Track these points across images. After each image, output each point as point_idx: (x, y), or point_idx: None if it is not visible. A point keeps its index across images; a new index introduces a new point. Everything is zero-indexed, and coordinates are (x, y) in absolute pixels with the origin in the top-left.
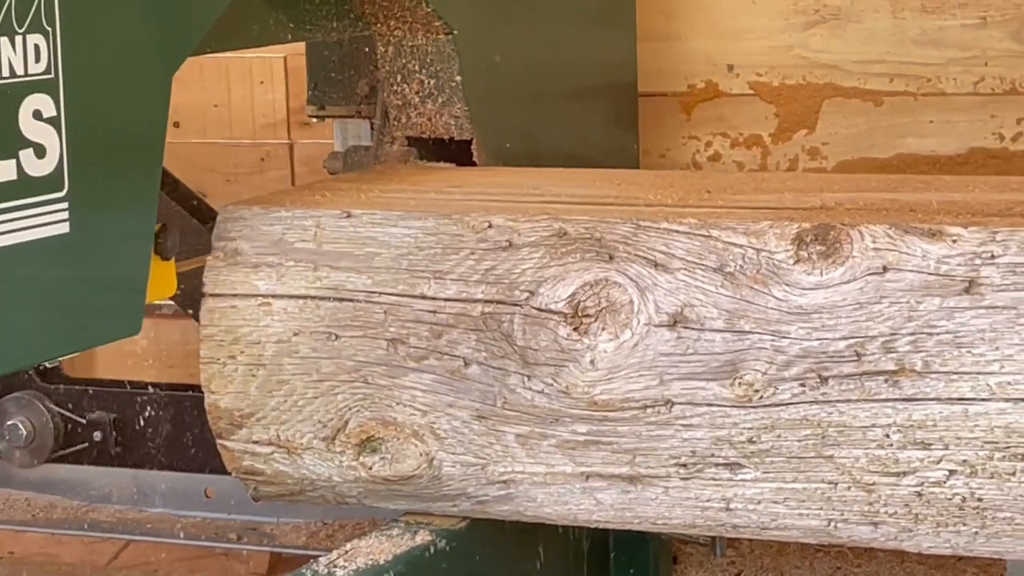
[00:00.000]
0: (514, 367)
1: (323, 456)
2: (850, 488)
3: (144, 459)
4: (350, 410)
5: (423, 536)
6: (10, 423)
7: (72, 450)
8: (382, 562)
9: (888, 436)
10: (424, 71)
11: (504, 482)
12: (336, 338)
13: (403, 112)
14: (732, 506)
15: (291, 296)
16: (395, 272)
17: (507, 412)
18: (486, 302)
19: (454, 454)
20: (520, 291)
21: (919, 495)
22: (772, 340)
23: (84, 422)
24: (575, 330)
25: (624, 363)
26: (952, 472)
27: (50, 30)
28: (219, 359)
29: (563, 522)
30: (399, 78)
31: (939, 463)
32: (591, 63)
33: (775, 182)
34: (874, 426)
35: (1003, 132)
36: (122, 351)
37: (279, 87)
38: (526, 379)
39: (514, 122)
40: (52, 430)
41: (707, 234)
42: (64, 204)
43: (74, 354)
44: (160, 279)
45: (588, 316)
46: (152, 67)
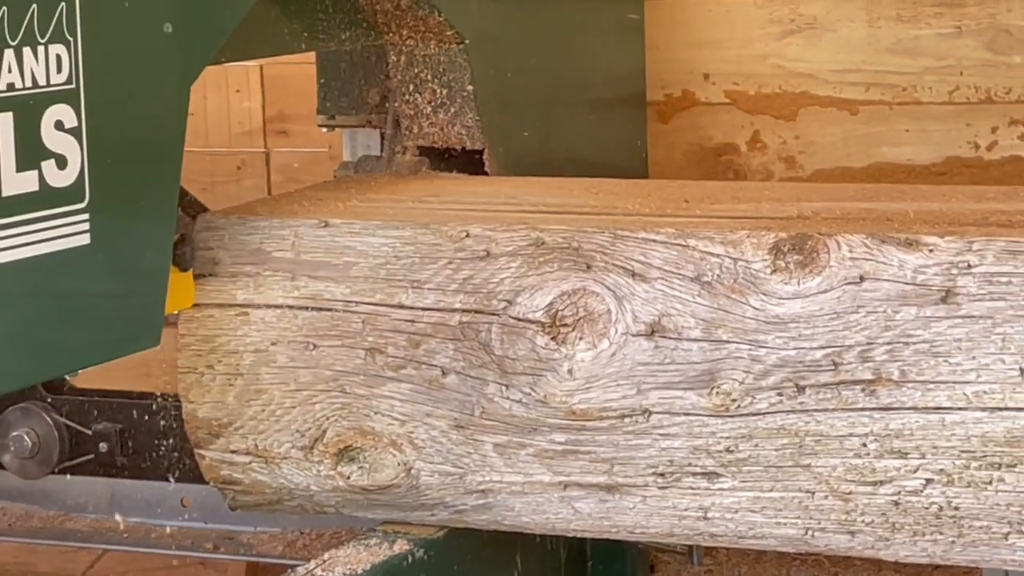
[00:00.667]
0: (492, 376)
1: (301, 466)
2: (827, 497)
3: (151, 470)
4: (328, 419)
5: (401, 545)
6: (15, 434)
7: (78, 461)
8: (360, 571)
9: (865, 445)
10: (436, 81)
11: (482, 491)
12: (314, 347)
13: (415, 122)
14: (710, 515)
15: (269, 306)
16: (373, 281)
17: (485, 421)
18: (464, 311)
19: (432, 463)
20: (498, 300)
21: (896, 504)
22: (749, 349)
23: (90, 433)
24: (553, 339)
25: (602, 372)
26: (929, 481)
27: (71, 40)
28: (197, 369)
29: (541, 531)
30: (411, 88)
31: (916, 472)
32: (602, 72)
33: (752, 191)
34: (851, 435)
35: (978, 141)
36: (129, 360)
37: (255, 96)
38: (504, 388)
39: (526, 131)
40: (57, 441)
41: (684, 243)
42: (85, 215)
43: (94, 366)
44: (179, 290)
45: (566, 325)
46: (171, 77)
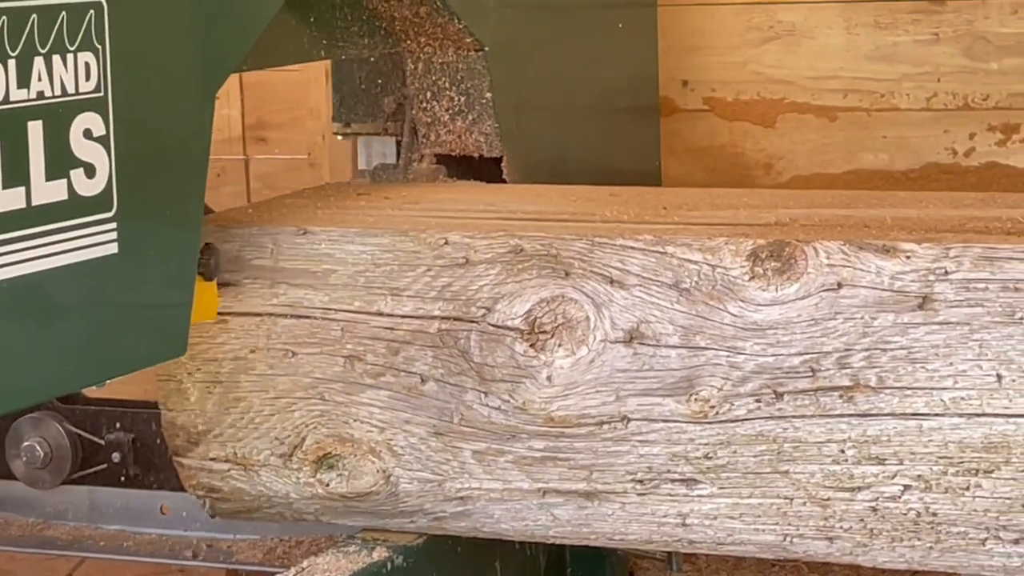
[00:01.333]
0: (471, 384)
1: (280, 473)
2: (805, 503)
3: (164, 480)
4: (307, 427)
5: (380, 552)
6: (26, 444)
7: (90, 471)
8: None
9: (843, 451)
10: (454, 88)
11: (461, 498)
12: (293, 355)
13: (432, 129)
14: (688, 521)
15: (248, 313)
16: (352, 289)
17: (464, 429)
18: (443, 319)
19: (411, 471)
20: (477, 308)
21: (874, 510)
22: (727, 356)
23: (102, 443)
24: (532, 346)
25: (580, 379)
26: (907, 487)
27: (100, 48)
28: (176, 376)
29: (520, 538)
30: (428, 95)
31: (894, 478)
32: (617, 78)
33: (730, 198)
34: (829, 441)
35: (956, 147)
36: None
37: (235, 103)
38: (483, 395)
39: (543, 139)
40: (70, 451)
41: (662, 250)
42: (112, 224)
43: (120, 377)
44: (204, 300)
45: (544, 333)
46: (197, 85)
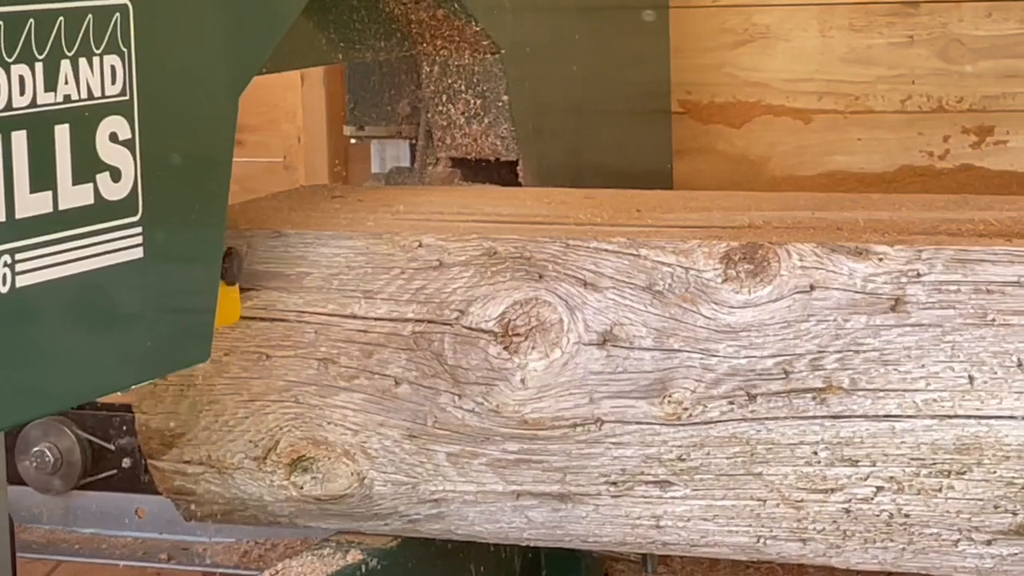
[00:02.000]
0: (445, 386)
1: (254, 476)
2: (779, 505)
3: None
4: (281, 430)
5: (354, 555)
6: (36, 449)
7: (100, 477)
8: None
9: (816, 453)
10: (470, 91)
11: (435, 501)
12: (267, 358)
13: (447, 133)
14: (662, 523)
15: None
16: (326, 292)
17: (438, 431)
18: (416, 321)
19: (385, 473)
20: (450, 310)
21: (847, 511)
22: (701, 358)
23: (112, 448)
24: (505, 349)
25: (554, 382)
26: (879, 489)
27: (125, 51)
28: None
29: (494, 540)
30: (444, 98)
31: (866, 480)
32: (631, 80)
33: (704, 200)
34: (802, 443)
35: (931, 150)
36: None
37: None
38: (457, 398)
39: (559, 141)
40: (80, 456)
41: (636, 253)
42: (138, 229)
43: (145, 383)
44: (226, 304)
45: (518, 335)
46: (221, 87)
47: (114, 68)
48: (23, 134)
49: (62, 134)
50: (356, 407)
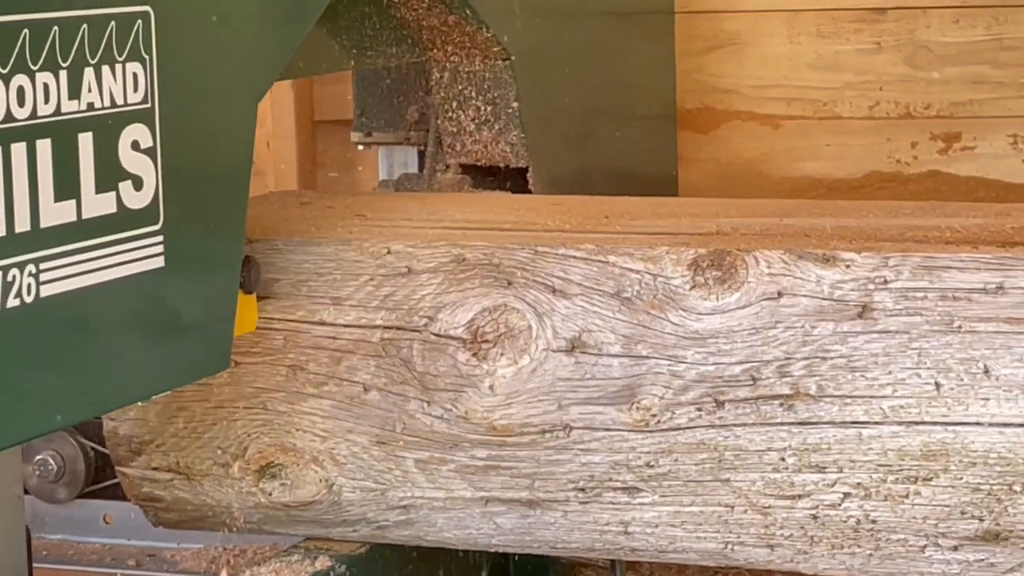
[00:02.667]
0: (413, 393)
1: (222, 482)
2: (746, 511)
3: None
4: (249, 436)
5: (323, 562)
6: (40, 457)
7: (105, 484)
8: None
9: (783, 459)
10: (480, 97)
11: (404, 507)
12: (236, 364)
13: (457, 139)
14: (630, 529)
15: None
16: (294, 298)
17: (407, 438)
18: (385, 328)
19: (354, 480)
20: (419, 317)
21: (814, 518)
22: (669, 365)
23: None
24: (474, 356)
25: (523, 388)
26: (846, 495)
27: (147, 58)
28: None
29: (463, 546)
30: (454, 104)
31: (834, 486)
32: (638, 86)
33: (672, 207)
34: (769, 450)
35: (899, 156)
36: None
37: None
38: (425, 405)
39: (568, 148)
40: (83, 464)
41: (604, 260)
42: (159, 238)
43: (165, 393)
44: (244, 313)
45: (487, 342)
46: (241, 95)
47: (136, 76)
48: (47, 142)
49: (86, 142)
50: (325, 414)
